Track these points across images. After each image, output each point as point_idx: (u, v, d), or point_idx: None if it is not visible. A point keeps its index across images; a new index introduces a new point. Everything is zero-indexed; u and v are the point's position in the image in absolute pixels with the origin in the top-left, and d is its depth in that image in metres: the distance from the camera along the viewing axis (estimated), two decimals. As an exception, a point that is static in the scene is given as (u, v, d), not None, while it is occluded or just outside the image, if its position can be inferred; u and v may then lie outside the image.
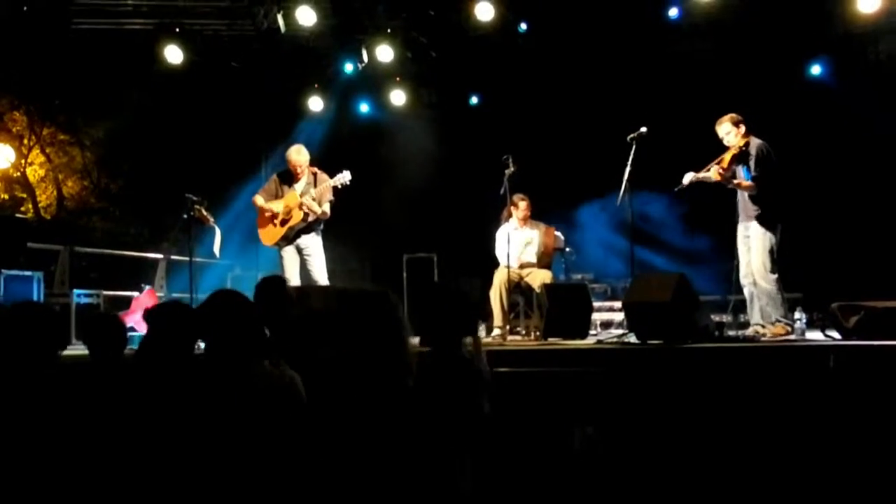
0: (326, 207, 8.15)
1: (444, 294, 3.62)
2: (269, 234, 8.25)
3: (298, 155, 8.23)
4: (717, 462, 4.74)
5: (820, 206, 10.65)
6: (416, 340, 3.35)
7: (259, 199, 8.29)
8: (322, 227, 8.31)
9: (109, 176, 17.71)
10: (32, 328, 3.43)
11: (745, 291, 7.13)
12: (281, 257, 8.26)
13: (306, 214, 8.06)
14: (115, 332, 4.08)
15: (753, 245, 6.93)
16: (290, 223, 8.11)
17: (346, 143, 12.33)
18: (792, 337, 6.64)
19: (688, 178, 7.18)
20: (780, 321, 6.73)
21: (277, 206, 8.14)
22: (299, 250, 8.21)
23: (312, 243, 8.22)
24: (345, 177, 8.13)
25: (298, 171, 8.20)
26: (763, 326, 6.78)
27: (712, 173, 7.02)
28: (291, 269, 8.19)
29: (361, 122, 13.37)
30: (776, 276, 6.81)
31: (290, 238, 8.17)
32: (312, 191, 8.09)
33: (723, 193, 7.18)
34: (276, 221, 8.16)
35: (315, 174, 8.23)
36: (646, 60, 11.54)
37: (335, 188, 8.16)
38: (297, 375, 3.38)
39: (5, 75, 14.84)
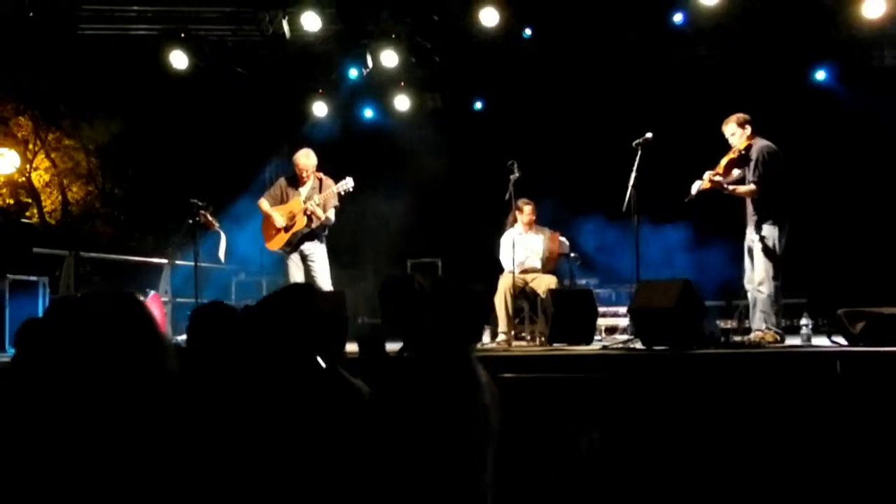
0: (331, 214, 8.16)
1: (460, 294, 3.20)
2: (273, 240, 8.27)
3: (306, 159, 8.25)
4: (724, 468, 4.73)
5: (825, 212, 10.65)
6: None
7: (264, 204, 8.29)
8: (326, 233, 8.31)
9: (114, 181, 17.77)
10: None
11: (749, 297, 7.10)
12: (286, 264, 8.27)
13: (310, 220, 8.07)
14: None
15: (756, 252, 6.88)
16: (294, 229, 8.11)
17: (351, 149, 12.34)
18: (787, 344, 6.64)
19: (695, 187, 7.11)
20: (770, 329, 6.70)
21: (281, 216, 8.15)
22: (303, 257, 8.21)
23: (316, 250, 8.22)
24: (347, 183, 8.15)
25: (304, 175, 8.22)
26: (762, 332, 6.75)
27: (704, 180, 6.98)
28: (296, 275, 8.20)
29: (366, 127, 13.38)
30: (778, 283, 6.76)
31: (293, 244, 8.17)
32: (316, 196, 8.10)
33: (732, 197, 7.13)
34: (279, 228, 8.18)
35: (321, 180, 8.24)
36: (650, 66, 11.53)
37: (339, 195, 8.18)
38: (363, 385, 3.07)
39: (11, 80, 14.89)
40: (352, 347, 3.78)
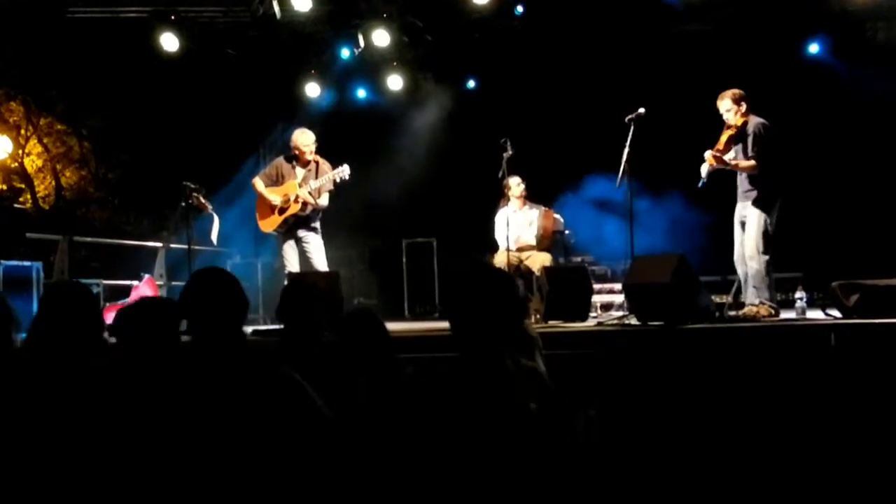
0: (324, 200, 8.07)
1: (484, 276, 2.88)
2: (266, 221, 8.21)
3: (303, 136, 8.13)
4: (719, 442, 4.74)
5: (819, 186, 10.64)
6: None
7: (259, 184, 8.21)
8: (320, 216, 8.26)
9: (107, 165, 17.72)
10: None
11: (739, 272, 7.09)
12: (281, 246, 8.23)
13: (304, 205, 8.00)
14: None
15: (748, 226, 6.84)
16: (288, 213, 8.04)
17: (344, 129, 12.30)
18: (781, 318, 6.65)
19: (705, 169, 7.04)
20: (764, 303, 6.70)
21: (276, 197, 8.08)
22: (298, 239, 8.16)
23: (311, 232, 8.16)
24: (344, 171, 8.00)
25: (301, 154, 8.11)
26: (755, 307, 6.75)
27: (707, 158, 6.94)
28: (291, 257, 8.15)
29: (359, 107, 13.33)
30: (768, 257, 6.73)
31: (287, 227, 8.11)
32: (312, 183, 8.00)
33: (726, 172, 7.10)
34: (273, 209, 8.12)
35: (317, 163, 8.14)
36: (643, 41, 11.49)
37: (334, 181, 8.12)
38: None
39: (1, 65, 14.81)
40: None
